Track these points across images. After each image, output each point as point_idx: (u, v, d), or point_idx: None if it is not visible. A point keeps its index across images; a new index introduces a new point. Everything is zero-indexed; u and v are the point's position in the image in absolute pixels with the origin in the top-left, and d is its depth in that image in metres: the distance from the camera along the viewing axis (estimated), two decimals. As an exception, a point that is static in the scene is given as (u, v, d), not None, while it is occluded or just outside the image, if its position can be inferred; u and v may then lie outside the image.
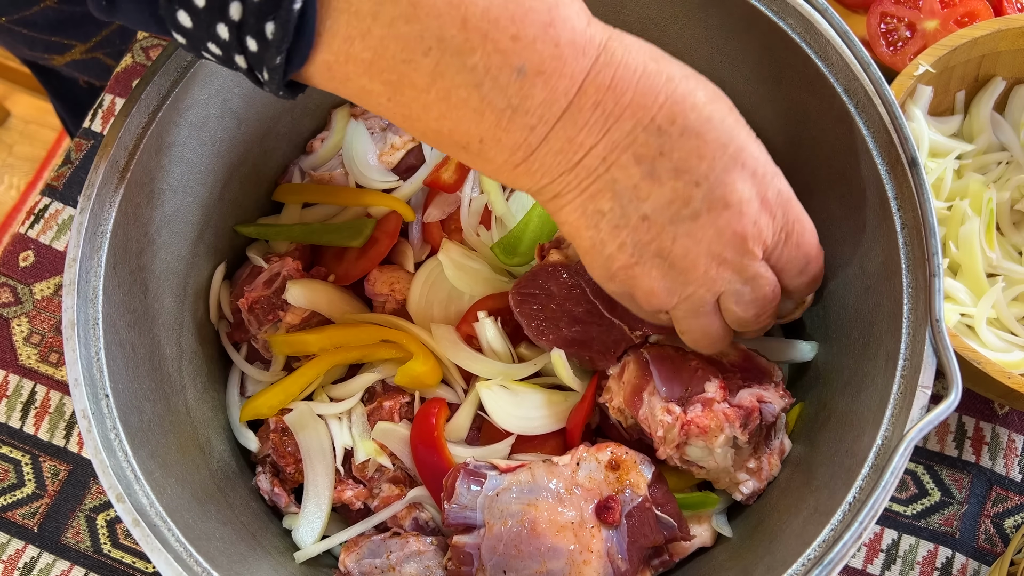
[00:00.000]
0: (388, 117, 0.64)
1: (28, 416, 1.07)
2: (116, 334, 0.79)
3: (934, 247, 0.74)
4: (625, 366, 0.87)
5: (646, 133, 0.62)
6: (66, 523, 1.03)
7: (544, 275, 0.88)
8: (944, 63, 1.00)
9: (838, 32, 0.80)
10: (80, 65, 1.50)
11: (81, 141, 1.18)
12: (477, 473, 0.83)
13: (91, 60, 1.48)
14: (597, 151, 0.62)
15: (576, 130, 0.61)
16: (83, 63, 1.49)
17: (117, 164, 0.80)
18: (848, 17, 1.20)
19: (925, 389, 0.72)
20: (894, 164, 0.78)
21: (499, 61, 0.57)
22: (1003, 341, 0.99)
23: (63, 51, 1.45)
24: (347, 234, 0.98)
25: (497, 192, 0.99)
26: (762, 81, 0.89)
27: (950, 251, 1.01)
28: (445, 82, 0.58)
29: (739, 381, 0.84)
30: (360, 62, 0.58)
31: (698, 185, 0.63)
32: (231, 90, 0.88)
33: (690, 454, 0.83)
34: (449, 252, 0.95)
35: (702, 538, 0.89)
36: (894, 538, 1.03)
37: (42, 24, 1.38)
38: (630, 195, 0.64)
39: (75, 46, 1.44)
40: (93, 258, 0.78)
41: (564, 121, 0.61)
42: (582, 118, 0.61)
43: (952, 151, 1.05)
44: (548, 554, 0.79)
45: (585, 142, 0.62)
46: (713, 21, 0.88)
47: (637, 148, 0.62)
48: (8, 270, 1.12)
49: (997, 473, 1.05)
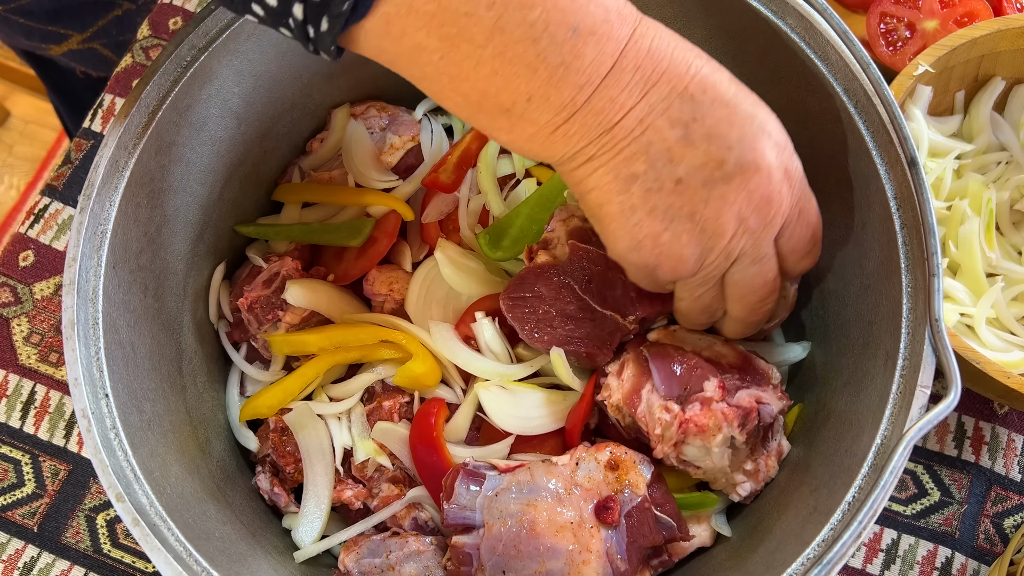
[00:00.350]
0: (430, 82, 0.65)
1: (28, 416, 1.07)
2: (116, 334, 0.79)
3: (933, 247, 0.74)
4: (624, 364, 0.87)
5: (680, 100, 0.65)
6: (66, 523, 1.03)
7: (532, 277, 0.88)
8: (944, 63, 1.00)
9: (838, 32, 0.80)
10: (77, 55, 1.50)
11: (81, 141, 1.19)
12: (476, 473, 0.83)
13: (88, 51, 1.48)
14: (635, 113, 0.64)
15: (618, 91, 0.63)
16: (80, 53, 1.49)
17: (117, 164, 0.80)
18: (848, 17, 1.20)
19: (924, 389, 0.72)
20: (893, 164, 0.78)
21: (557, 18, 0.60)
22: (1003, 341, 0.99)
23: (60, 41, 1.45)
24: (346, 234, 0.98)
25: (494, 192, 0.99)
26: (762, 81, 0.89)
27: (949, 251, 1.01)
28: (504, 37, 0.60)
29: (737, 382, 0.84)
30: (422, 15, 0.59)
31: (730, 149, 0.66)
32: (231, 90, 0.88)
33: (687, 454, 0.83)
34: (446, 251, 0.95)
35: (701, 538, 0.89)
36: (893, 538, 1.03)
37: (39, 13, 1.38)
38: (664, 158, 0.66)
39: (72, 36, 1.44)
40: (93, 258, 0.78)
41: (608, 81, 0.63)
42: (624, 79, 0.63)
43: (951, 151, 1.05)
44: (547, 554, 0.79)
45: (625, 103, 0.64)
46: (713, 21, 0.88)
47: (672, 112, 0.65)
48: (8, 270, 1.12)
49: (997, 473, 1.05)
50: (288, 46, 0.90)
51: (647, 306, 0.86)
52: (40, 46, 1.47)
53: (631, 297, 0.86)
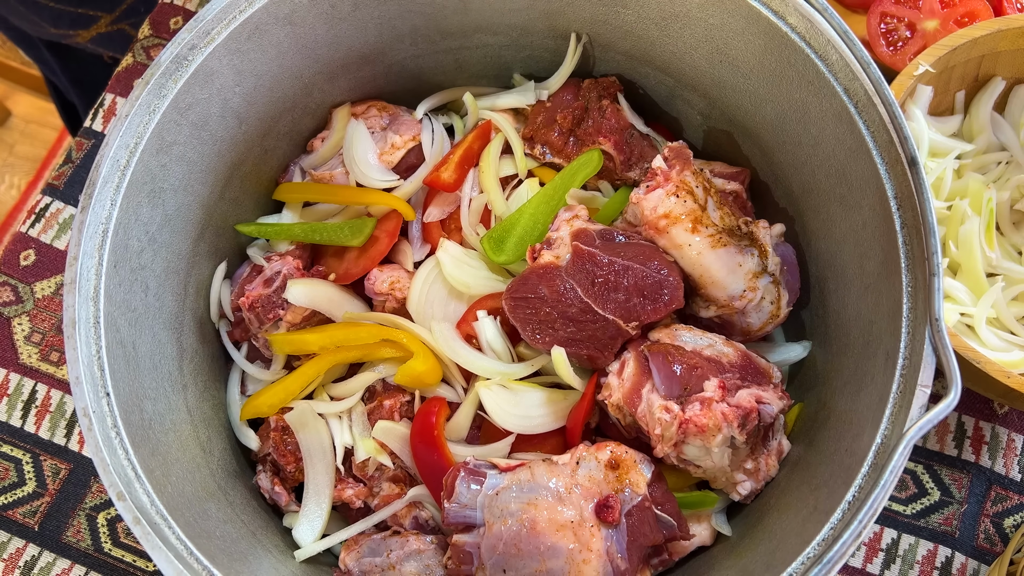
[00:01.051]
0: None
1: (29, 415, 1.07)
2: (117, 332, 0.79)
3: (934, 246, 0.74)
4: (624, 363, 0.87)
5: None
6: (66, 522, 1.03)
7: (535, 278, 0.88)
8: (944, 63, 1.00)
9: (838, 32, 0.80)
10: (106, 39, 1.48)
11: (82, 140, 1.19)
12: (477, 472, 0.83)
13: (117, 32, 1.46)
14: None
15: None
16: (108, 36, 1.47)
17: (119, 163, 0.80)
18: (848, 17, 1.20)
19: (924, 388, 0.72)
20: (894, 164, 0.78)
21: None
22: (1003, 341, 0.99)
23: (89, 24, 1.43)
24: (347, 233, 0.98)
25: (496, 191, 0.99)
26: (762, 81, 0.89)
27: (950, 251, 1.01)
28: None
29: (738, 381, 0.84)
30: None
31: None
32: (232, 89, 0.88)
33: (687, 453, 0.83)
34: (447, 251, 0.95)
35: (701, 537, 0.89)
36: (893, 537, 1.03)
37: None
38: None
39: (101, 18, 1.43)
40: (94, 257, 0.78)
41: None
42: None
43: (952, 151, 1.05)
44: (548, 553, 0.79)
45: None
46: (713, 21, 0.88)
47: None
48: (9, 269, 1.12)
49: (997, 472, 1.05)
50: (289, 45, 0.90)
51: (650, 312, 0.86)
52: (68, 33, 1.46)
53: (634, 303, 0.86)
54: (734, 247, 0.87)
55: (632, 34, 0.96)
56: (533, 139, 1.01)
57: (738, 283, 0.88)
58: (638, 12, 0.92)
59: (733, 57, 0.90)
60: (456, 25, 0.98)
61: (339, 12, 0.90)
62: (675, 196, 0.87)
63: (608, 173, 1.01)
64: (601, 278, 0.86)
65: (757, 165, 0.99)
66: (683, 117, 1.04)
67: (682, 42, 0.93)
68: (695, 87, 0.98)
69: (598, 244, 0.88)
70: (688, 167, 0.89)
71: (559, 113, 0.99)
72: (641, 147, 1.01)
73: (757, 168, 0.99)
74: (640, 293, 0.86)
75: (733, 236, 0.88)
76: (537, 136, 1.01)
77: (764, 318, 0.91)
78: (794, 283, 0.94)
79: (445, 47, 1.01)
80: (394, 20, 0.94)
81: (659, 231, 0.88)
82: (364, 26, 0.93)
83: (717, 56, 0.91)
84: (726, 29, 0.88)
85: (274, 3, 0.85)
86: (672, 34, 0.92)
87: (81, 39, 1.47)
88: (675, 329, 0.89)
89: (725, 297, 0.88)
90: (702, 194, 0.88)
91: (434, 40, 0.99)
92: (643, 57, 0.98)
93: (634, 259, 0.87)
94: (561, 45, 1.01)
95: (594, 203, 1.00)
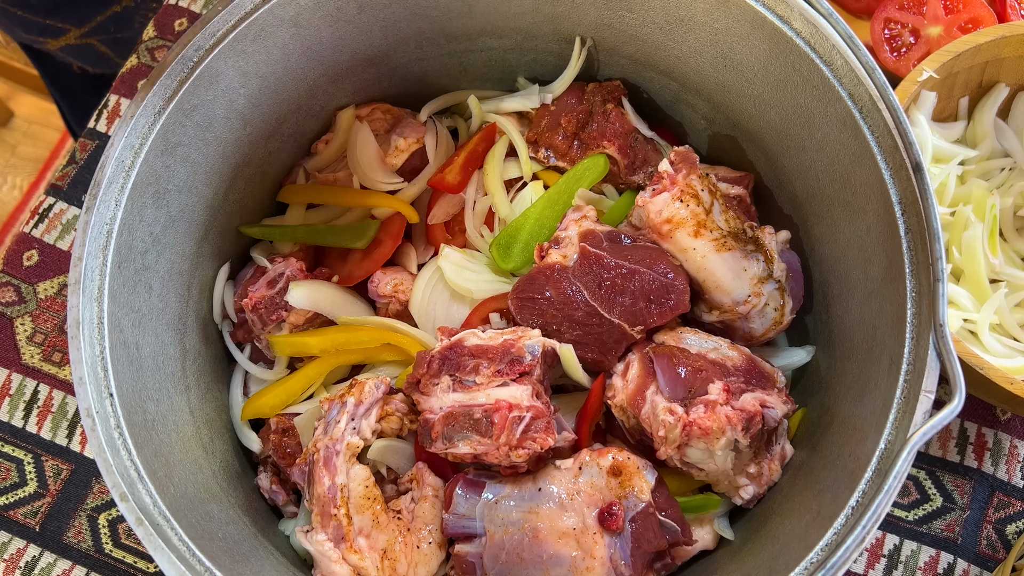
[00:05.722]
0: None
1: (31, 415, 1.07)
2: (120, 333, 0.79)
3: (938, 251, 0.74)
4: (629, 365, 0.87)
5: None
6: (68, 522, 1.03)
7: (542, 278, 0.88)
8: (948, 69, 1.00)
9: (843, 37, 0.80)
10: (74, 51, 1.50)
11: (86, 141, 1.19)
12: (475, 482, 0.83)
13: (85, 46, 1.48)
14: None
15: None
16: (77, 48, 1.49)
17: (123, 164, 0.80)
18: (853, 22, 1.20)
19: (928, 394, 0.72)
20: (898, 169, 0.78)
21: None
22: (1006, 347, 0.99)
23: (57, 35, 1.45)
24: (351, 235, 0.98)
25: (501, 194, 0.99)
26: (766, 85, 0.89)
27: (953, 256, 1.01)
28: None
29: (742, 384, 0.84)
30: None
31: None
32: (236, 91, 0.88)
33: (691, 456, 0.83)
34: (449, 259, 0.95)
35: (704, 541, 0.89)
36: (896, 543, 1.02)
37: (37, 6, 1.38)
38: None
39: (70, 30, 1.44)
40: (98, 257, 0.78)
41: None
42: None
43: (955, 157, 1.05)
44: (551, 561, 0.79)
45: None
46: (718, 25, 0.88)
47: None
48: (12, 269, 1.12)
49: (999, 479, 1.05)
50: (295, 48, 0.90)
51: (656, 316, 0.86)
52: (38, 40, 1.48)
53: (640, 307, 0.86)
54: (739, 251, 0.87)
55: (637, 38, 0.96)
56: (537, 142, 1.01)
57: (743, 288, 0.88)
58: (643, 16, 0.92)
59: (738, 61, 0.90)
60: (461, 29, 0.98)
61: (344, 15, 0.90)
62: (680, 200, 0.87)
63: (612, 177, 1.01)
64: (608, 281, 0.86)
65: (761, 170, 0.99)
66: (687, 121, 1.04)
67: (687, 46, 0.93)
68: (699, 91, 0.98)
69: (605, 246, 0.88)
70: (694, 171, 0.89)
71: (563, 117, 1.00)
72: (645, 151, 1.01)
73: (761, 173, 0.99)
74: (646, 297, 0.86)
75: (739, 240, 0.88)
76: (541, 139, 1.01)
77: (767, 324, 0.91)
78: (798, 290, 0.93)
79: (450, 50, 1.01)
80: (399, 23, 0.94)
81: (664, 235, 0.88)
82: (369, 29, 0.93)
83: (721, 60, 0.91)
84: (731, 33, 0.88)
85: (280, 5, 0.85)
86: (677, 38, 0.93)
87: (51, 47, 1.49)
88: (680, 332, 0.89)
89: (729, 302, 0.88)
90: (708, 198, 0.88)
91: (439, 43, 0.99)
92: (647, 61, 0.98)
93: (641, 262, 0.86)
94: (565, 49, 1.01)
95: (600, 205, 1.00)
